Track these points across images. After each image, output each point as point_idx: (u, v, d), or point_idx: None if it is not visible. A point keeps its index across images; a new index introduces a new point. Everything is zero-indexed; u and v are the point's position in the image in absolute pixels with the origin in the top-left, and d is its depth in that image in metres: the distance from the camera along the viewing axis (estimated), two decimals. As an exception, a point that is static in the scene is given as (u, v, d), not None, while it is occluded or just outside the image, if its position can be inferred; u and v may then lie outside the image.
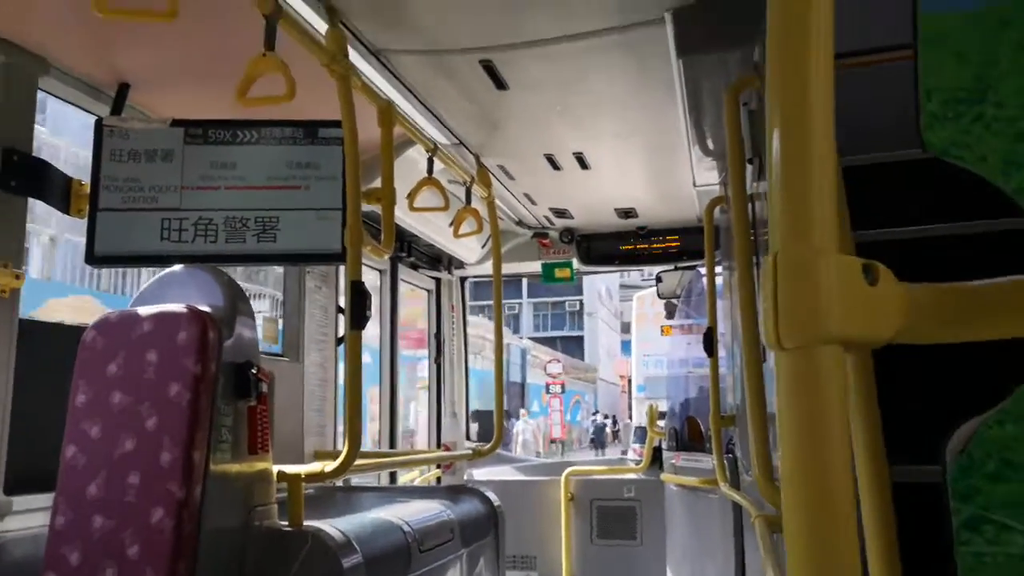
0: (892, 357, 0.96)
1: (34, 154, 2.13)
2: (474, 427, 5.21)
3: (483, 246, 4.85)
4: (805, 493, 0.55)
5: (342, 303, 3.26)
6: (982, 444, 0.57)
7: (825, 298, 0.55)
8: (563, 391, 29.62)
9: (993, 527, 0.55)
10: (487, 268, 4.87)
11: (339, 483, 3.47)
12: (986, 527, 0.55)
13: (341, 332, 3.54)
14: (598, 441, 26.95)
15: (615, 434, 27.79)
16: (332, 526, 2.11)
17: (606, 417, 30.48)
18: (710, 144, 3.41)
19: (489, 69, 2.67)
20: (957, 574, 0.55)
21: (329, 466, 2.21)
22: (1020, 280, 0.63)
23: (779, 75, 0.57)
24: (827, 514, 0.54)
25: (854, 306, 0.56)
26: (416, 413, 7.94)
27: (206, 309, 1.92)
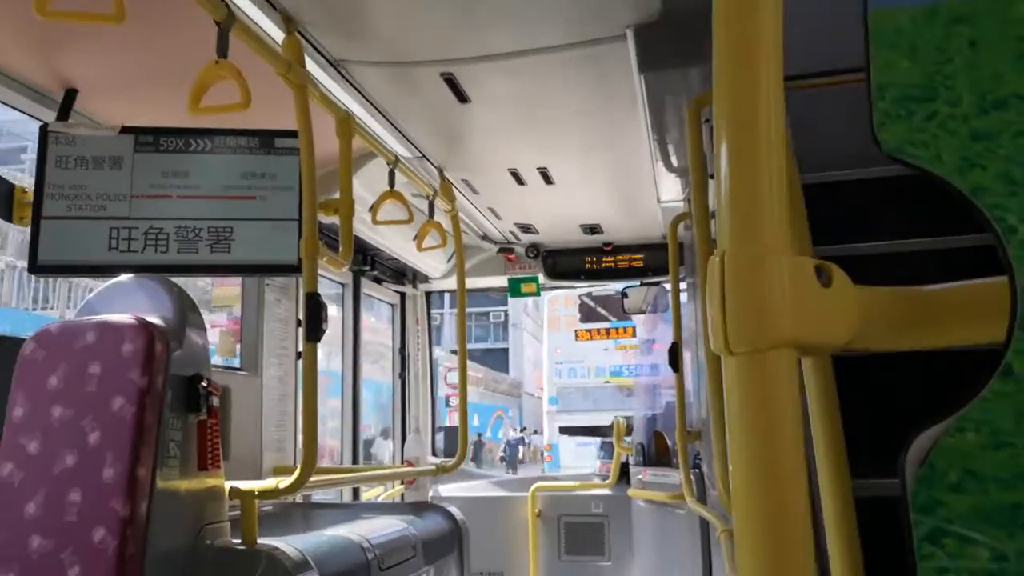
0: (851, 366, 0.94)
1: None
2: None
3: (448, 260, 4.81)
4: (757, 502, 0.52)
5: (302, 316, 3.20)
6: (943, 454, 0.54)
7: (776, 299, 0.52)
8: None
9: (955, 540, 0.53)
10: (452, 283, 4.83)
11: (299, 500, 3.39)
12: (948, 540, 0.53)
13: (301, 347, 3.47)
14: (510, 460, 25.31)
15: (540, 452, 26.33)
16: (288, 544, 2.04)
17: (523, 430, 29.01)
18: (673, 160, 3.42)
19: (451, 82, 2.65)
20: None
21: (284, 482, 2.14)
22: (975, 285, 0.61)
23: (727, 72, 0.54)
24: (780, 523, 0.51)
25: (807, 308, 0.54)
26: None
27: (154, 320, 1.86)
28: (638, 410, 4.94)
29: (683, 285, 3.67)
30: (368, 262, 4.37)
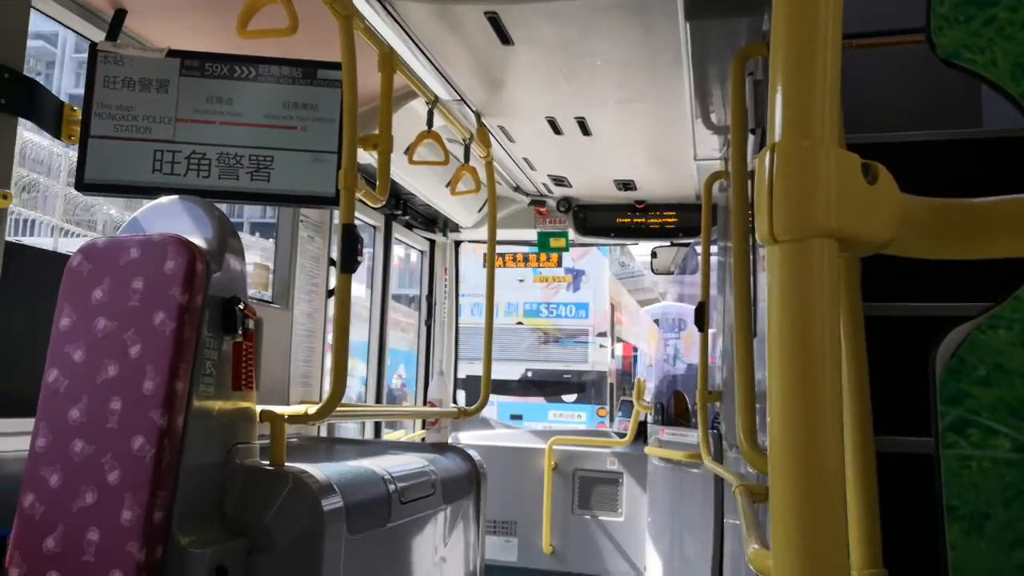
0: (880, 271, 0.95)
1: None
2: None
3: (479, 210, 4.83)
4: (793, 390, 0.54)
5: (334, 255, 3.25)
6: (974, 349, 0.56)
7: (822, 189, 0.53)
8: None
9: (979, 430, 0.54)
10: (482, 233, 4.85)
11: (323, 434, 3.47)
12: (972, 430, 0.55)
13: (332, 284, 3.53)
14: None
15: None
16: (314, 468, 2.10)
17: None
18: (713, 117, 3.39)
19: (494, 22, 2.63)
20: (942, 486, 0.55)
21: (313, 408, 2.20)
22: (1018, 199, 0.61)
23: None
24: (813, 411, 0.53)
25: (851, 202, 0.55)
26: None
27: (195, 240, 1.90)
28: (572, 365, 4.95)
29: (714, 248, 3.66)
30: (401, 207, 4.40)
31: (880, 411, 1.07)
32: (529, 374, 15.52)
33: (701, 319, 3.52)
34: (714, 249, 3.69)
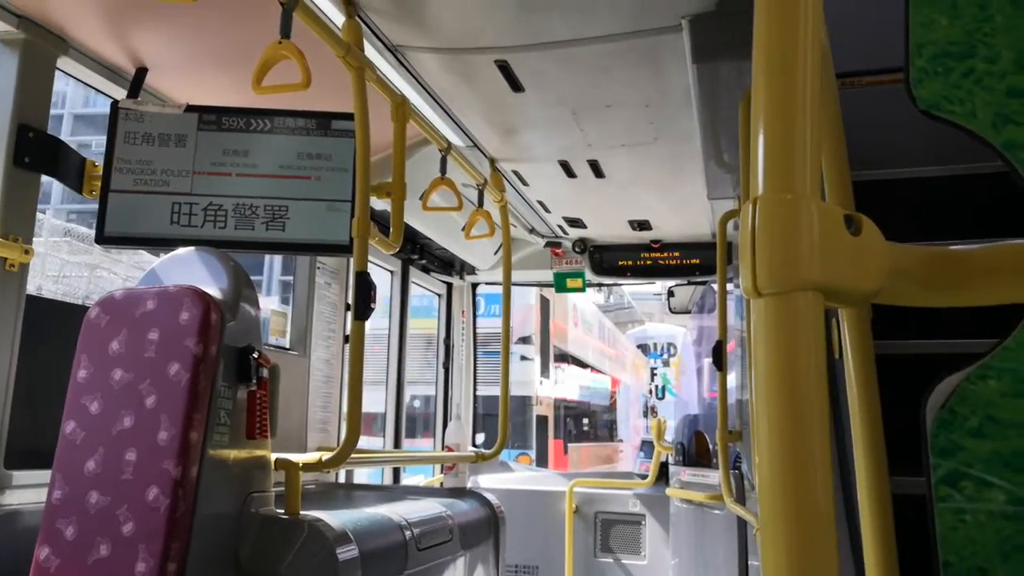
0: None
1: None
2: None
3: (495, 253, 4.85)
4: (780, 441, 0.53)
5: (351, 301, 3.27)
6: (965, 400, 0.55)
7: (805, 242, 0.54)
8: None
9: (973, 483, 0.53)
10: (499, 275, 4.87)
11: (341, 480, 3.46)
12: (965, 483, 0.54)
13: (348, 330, 3.55)
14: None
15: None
16: (330, 516, 2.09)
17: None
18: (725, 156, 3.40)
19: (505, 70, 2.68)
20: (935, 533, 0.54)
21: (328, 455, 2.20)
22: (1004, 245, 0.61)
23: (763, 19, 0.56)
24: (801, 462, 0.52)
25: (835, 254, 0.55)
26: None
27: (210, 291, 1.93)
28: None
29: (730, 286, 3.64)
30: (417, 251, 4.43)
31: (895, 452, 1.05)
32: (416, 404, 10.77)
33: (719, 358, 3.50)
34: (731, 287, 3.67)
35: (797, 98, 0.55)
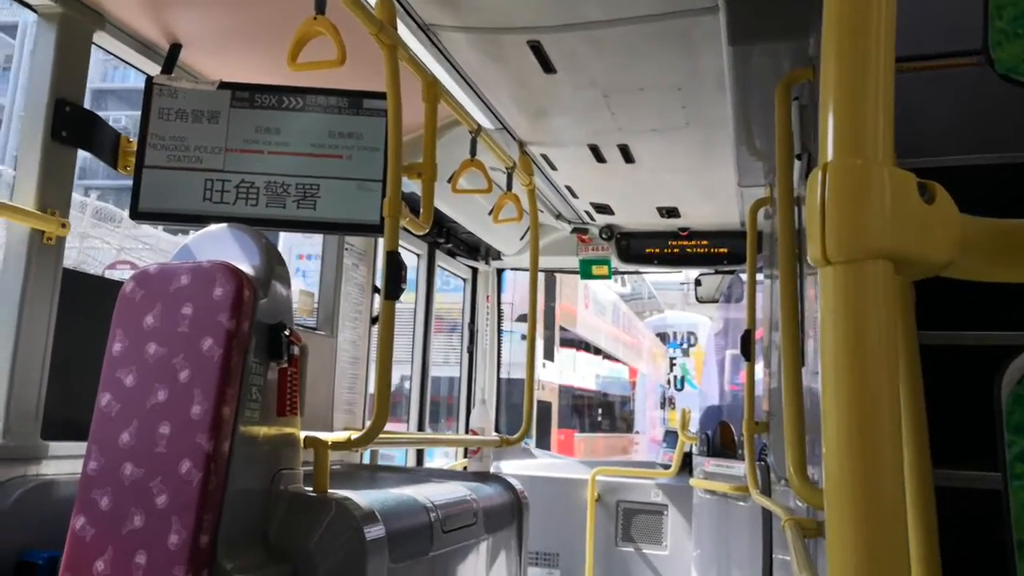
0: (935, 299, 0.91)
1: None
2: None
3: (521, 238, 4.84)
4: (847, 412, 0.52)
5: (379, 283, 3.27)
6: None
7: (876, 209, 0.52)
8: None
9: (1050, 460, 0.52)
10: (525, 260, 4.85)
11: (366, 461, 3.48)
12: (1042, 460, 0.52)
13: (376, 311, 3.56)
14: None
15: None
16: (357, 495, 2.10)
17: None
18: (757, 142, 3.35)
19: (537, 51, 2.66)
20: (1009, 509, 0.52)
21: (356, 435, 2.21)
22: None
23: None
24: (868, 424, 0.51)
25: (907, 222, 0.53)
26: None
27: (243, 267, 1.94)
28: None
29: (759, 276, 3.60)
30: (444, 235, 4.43)
31: (937, 444, 1.03)
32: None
33: (747, 348, 3.47)
34: (760, 276, 3.63)
35: (870, 60, 0.53)
